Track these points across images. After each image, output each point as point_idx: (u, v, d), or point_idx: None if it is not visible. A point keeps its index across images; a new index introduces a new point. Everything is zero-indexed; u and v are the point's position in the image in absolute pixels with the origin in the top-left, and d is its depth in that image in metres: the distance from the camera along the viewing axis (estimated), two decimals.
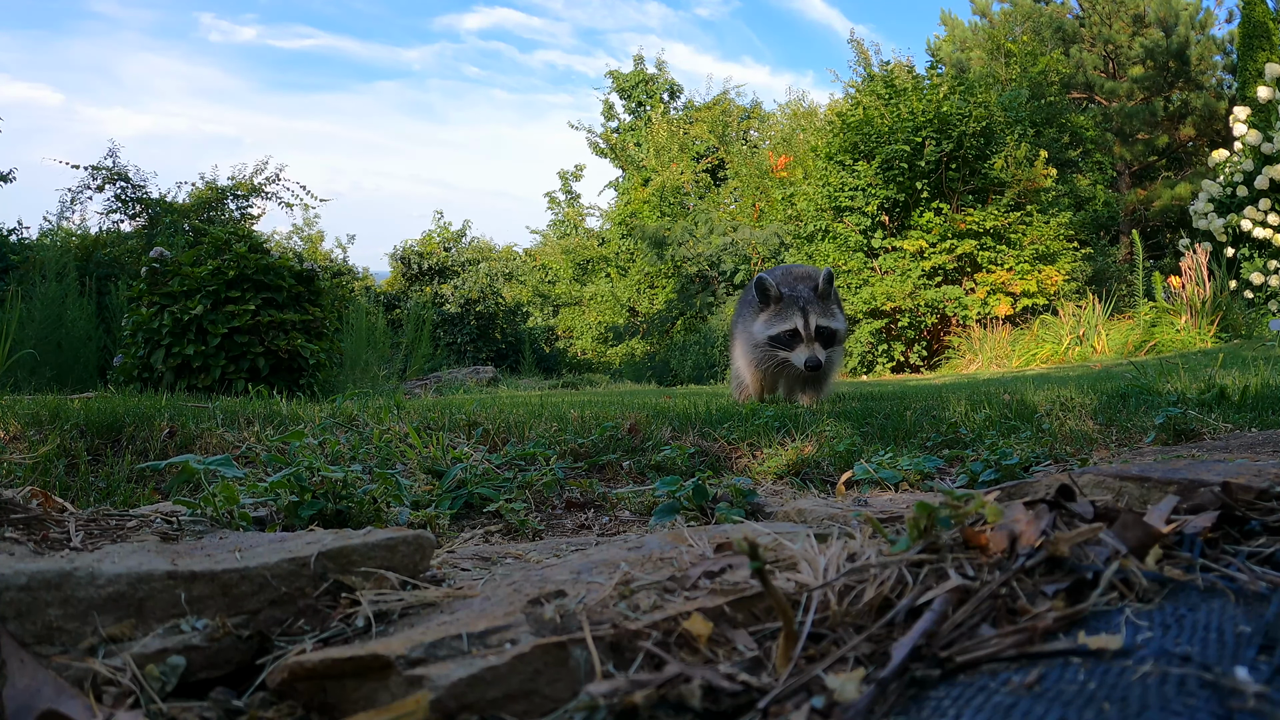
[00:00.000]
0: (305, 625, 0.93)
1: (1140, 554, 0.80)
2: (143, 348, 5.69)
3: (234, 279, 5.79)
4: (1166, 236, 19.88)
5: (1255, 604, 0.72)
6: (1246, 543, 0.86)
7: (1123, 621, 0.70)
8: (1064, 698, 0.58)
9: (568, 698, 0.72)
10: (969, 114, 13.63)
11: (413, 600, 0.95)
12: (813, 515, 1.54)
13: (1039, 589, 0.76)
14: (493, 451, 2.64)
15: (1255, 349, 7.91)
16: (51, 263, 8.20)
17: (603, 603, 0.84)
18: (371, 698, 0.75)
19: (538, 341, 20.11)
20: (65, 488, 2.04)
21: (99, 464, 2.32)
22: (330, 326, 6.43)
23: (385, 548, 1.04)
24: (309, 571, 0.97)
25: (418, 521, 1.81)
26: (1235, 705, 0.55)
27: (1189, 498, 0.99)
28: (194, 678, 0.83)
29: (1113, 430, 2.90)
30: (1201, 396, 3.15)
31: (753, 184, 20.47)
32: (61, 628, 0.82)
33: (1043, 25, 21.56)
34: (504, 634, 0.79)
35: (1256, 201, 11.62)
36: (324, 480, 1.76)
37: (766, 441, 2.86)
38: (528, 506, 2.10)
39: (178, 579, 0.89)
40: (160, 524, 1.58)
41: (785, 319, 3.97)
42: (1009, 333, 12.14)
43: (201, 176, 13.72)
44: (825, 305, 4.02)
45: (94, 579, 0.86)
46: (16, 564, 0.86)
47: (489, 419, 2.98)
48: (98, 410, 2.72)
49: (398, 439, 2.54)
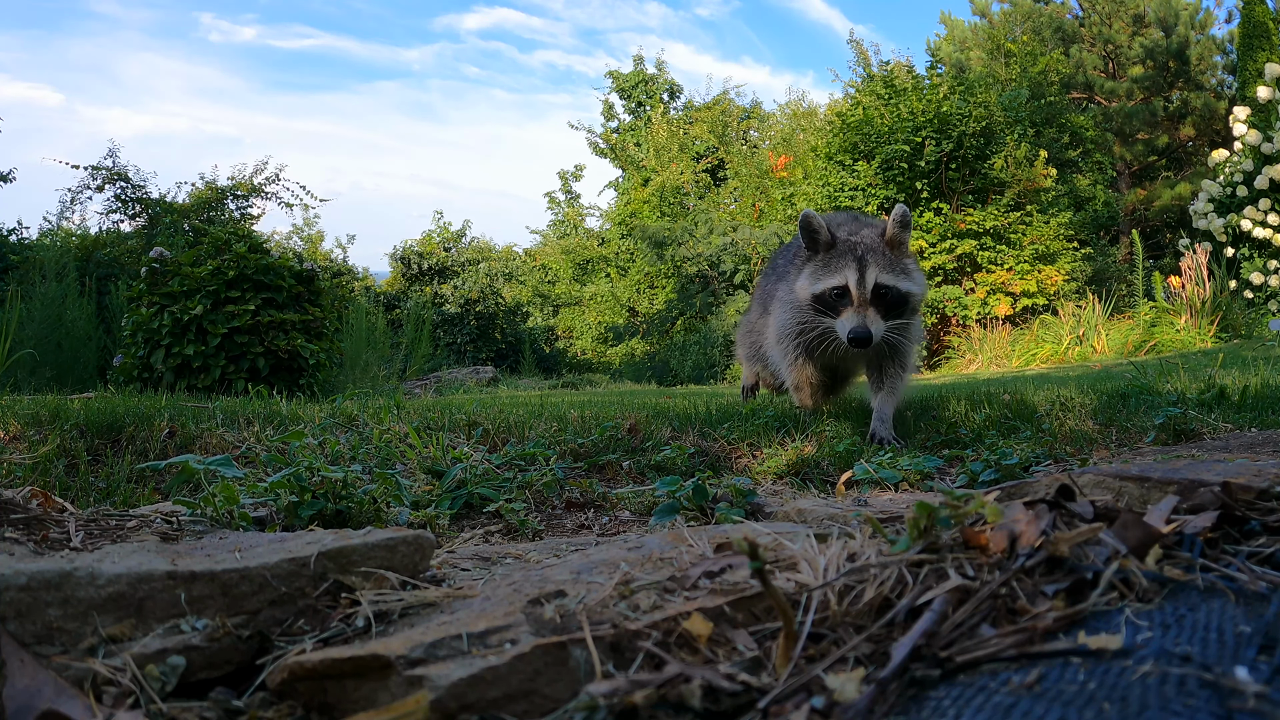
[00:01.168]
0: (305, 625, 0.93)
1: (1140, 554, 0.80)
2: (143, 348, 5.69)
3: (234, 279, 5.79)
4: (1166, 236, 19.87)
5: (1255, 604, 0.72)
6: (1246, 543, 0.86)
7: (1123, 621, 0.70)
8: (1064, 698, 0.58)
9: (568, 698, 0.72)
10: (969, 114, 13.63)
11: (413, 600, 0.95)
12: (813, 515, 1.54)
13: (1039, 589, 0.76)
14: (493, 451, 2.64)
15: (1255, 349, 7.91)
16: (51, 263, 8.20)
17: (603, 603, 0.84)
18: (371, 698, 0.75)
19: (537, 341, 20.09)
20: (65, 488, 2.04)
21: (99, 464, 2.32)
22: (330, 326, 6.43)
23: (385, 548, 1.04)
24: (309, 571, 0.97)
25: (418, 521, 1.81)
26: (1235, 705, 0.55)
27: (1189, 498, 0.99)
28: (194, 678, 0.83)
29: (1112, 430, 2.90)
30: (1201, 396, 3.15)
31: (752, 184, 20.47)
32: (61, 628, 0.82)
33: (1042, 25, 21.55)
34: (504, 634, 0.79)
35: (1256, 201, 11.62)
36: (324, 480, 1.76)
37: (766, 441, 2.86)
38: (528, 506, 2.10)
39: (178, 579, 0.89)
40: (160, 524, 1.58)
41: (834, 271, 2.87)
42: (1009, 333, 12.14)
43: (201, 176, 13.73)
44: (893, 258, 2.89)
45: (94, 579, 0.86)
46: (16, 564, 0.86)
47: (489, 419, 2.98)
48: (98, 410, 2.72)
49: (398, 439, 2.54)
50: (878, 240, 2.91)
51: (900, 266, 2.90)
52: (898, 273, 2.87)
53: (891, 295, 2.85)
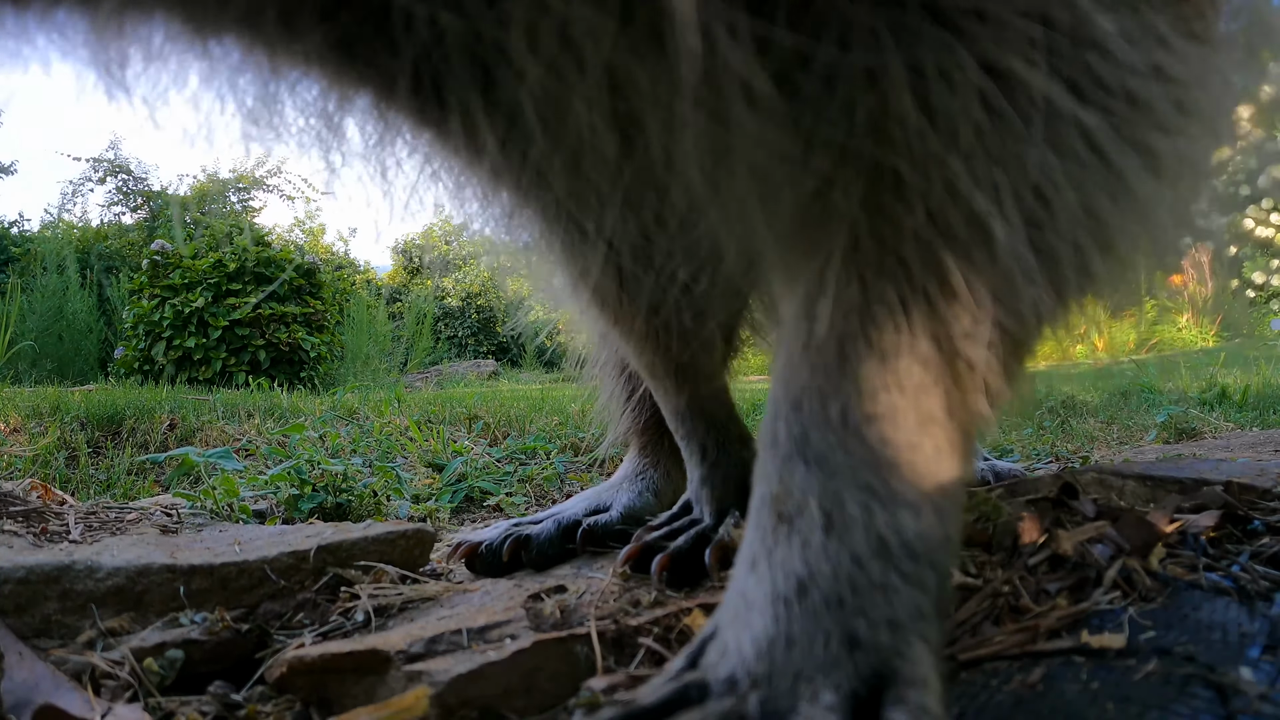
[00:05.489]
0: (304, 619, 0.93)
1: (1143, 553, 0.80)
2: (143, 340, 5.69)
3: (235, 271, 5.79)
4: None
5: (1258, 604, 0.72)
6: (1249, 542, 0.86)
7: (1126, 620, 0.70)
8: (1067, 697, 0.58)
9: (568, 694, 0.72)
10: None
11: (412, 595, 0.95)
12: None
13: (1042, 587, 0.76)
14: (493, 445, 2.63)
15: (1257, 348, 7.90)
16: (52, 255, 8.19)
17: (604, 598, 0.84)
18: (371, 693, 0.74)
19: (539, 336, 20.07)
20: (65, 480, 2.04)
21: (99, 456, 2.32)
22: (331, 319, 6.42)
23: (385, 542, 1.03)
24: (308, 565, 0.97)
25: (418, 515, 1.81)
26: (1238, 706, 0.55)
27: (1192, 497, 0.99)
28: (193, 671, 0.83)
29: (1114, 428, 2.89)
30: (1203, 395, 3.14)
31: None
32: (60, 621, 0.82)
33: None
34: (504, 629, 0.79)
35: (1259, 200, 11.60)
36: (324, 473, 1.76)
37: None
38: (528, 500, 2.10)
39: (177, 572, 0.89)
40: (160, 517, 1.57)
41: None
42: None
43: (203, 169, 13.72)
44: None
45: (93, 572, 0.85)
46: (15, 557, 0.86)
47: (490, 413, 2.98)
48: (98, 403, 2.72)
49: (398, 432, 2.54)
50: None
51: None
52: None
53: None
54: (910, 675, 0.50)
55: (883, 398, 0.55)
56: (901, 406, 0.55)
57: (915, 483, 0.55)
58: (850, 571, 0.52)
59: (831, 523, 0.54)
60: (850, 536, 0.53)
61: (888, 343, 0.55)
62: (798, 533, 0.55)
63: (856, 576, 0.52)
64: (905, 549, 0.53)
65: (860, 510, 0.54)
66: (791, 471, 0.56)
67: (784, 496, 0.56)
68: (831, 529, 0.54)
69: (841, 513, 0.54)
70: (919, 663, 0.51)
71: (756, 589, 0.54)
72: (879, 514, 0.54)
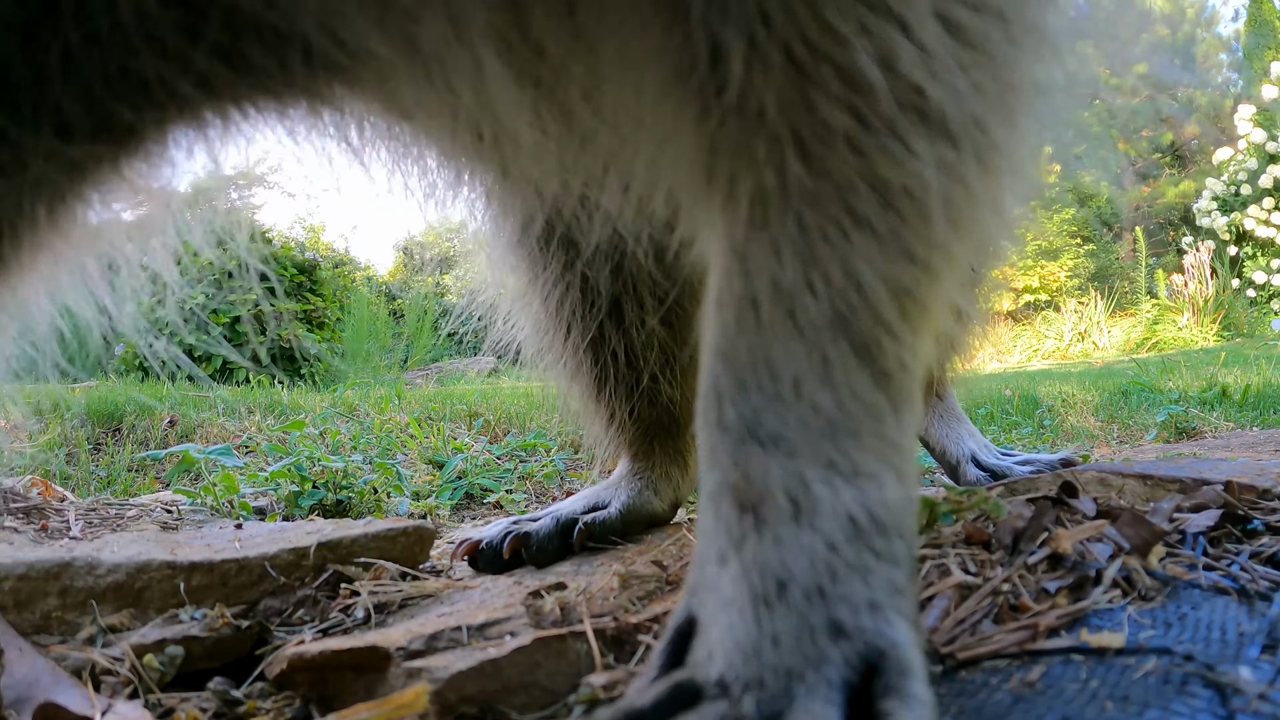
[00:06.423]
0: (304, 616, 0.93)
1: (1143, 552, 0.80)
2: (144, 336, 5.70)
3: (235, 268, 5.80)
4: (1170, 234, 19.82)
5: (1258, 603, 0.72)
6: (1249, 542, 0.86)
7: (1125, 619, 0.70)
8: (1066, 695, 0.58)
9: (567, 690, 0.72)
10: None
11: (412, 591, 0.95)
12: None
13: (1041, 586, 0.76)
14: (493, 442, 2.63)
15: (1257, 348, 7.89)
16: None
17: (603, 595, 0.84)
18: (371, 689, 0.74)
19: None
20: (65, 477, 2.04)
21: (99, 453, 2.32)
22: (332, 316, 6.43)
23: (385, 538, 1.03)
24: (308, 562, 0.97)
25: (418, 512, 1.81)
26: (1238, 705, 0.55)
27: (1191, 496, 0.99)
28: (193, 668, 0.83)
29: (1114, 427, 2.89)
30: (1203, 395, 3.14)
31: None
32: (60, 617, 0.82)
33: None
34: (504, 626, 0.79)
35: (1260, 200, 11.59)
36: (324, 470, 1.76)
37: None
38: (528, 497, 2.10)
39: (177, 569, 0.89)
40: (160, 513, 1.58)
41: None
42: (1011, 328, 12.12)
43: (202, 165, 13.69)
44: None
45: (93, 568, 0.86)
46: (16, 553, 0.86)
47: (490, 410, 2.98)
48: (98, 400, 2.72)
49: (399, 429, 2.54)
50: None
51: None
52: None
53: None
54: (897, 660, 0.49)
55: (834, 355, 0.53)
56: (855, 364, 0.53)
57: (876, 449, 0.54)
58: (827, 559, 0.51)
59: (799, 510, 0.52)
60: (820, 522, 0.52)
61: (836, 290, 0.53)
62: (766, 525, 0.52)
63: (833, 563, 0.51)
64: (875, 524, 0.52)
65: (826, 490, 0.52)
66: (747, 456, 0.54)
67: (744, 485, 0.53)
68: (800, 516, 0.52)
69: (808, 497, 0.52)
70: (904, 645, 0.50)
71: (732, 588, 0.52)
72: (845, 491, 0.52)
